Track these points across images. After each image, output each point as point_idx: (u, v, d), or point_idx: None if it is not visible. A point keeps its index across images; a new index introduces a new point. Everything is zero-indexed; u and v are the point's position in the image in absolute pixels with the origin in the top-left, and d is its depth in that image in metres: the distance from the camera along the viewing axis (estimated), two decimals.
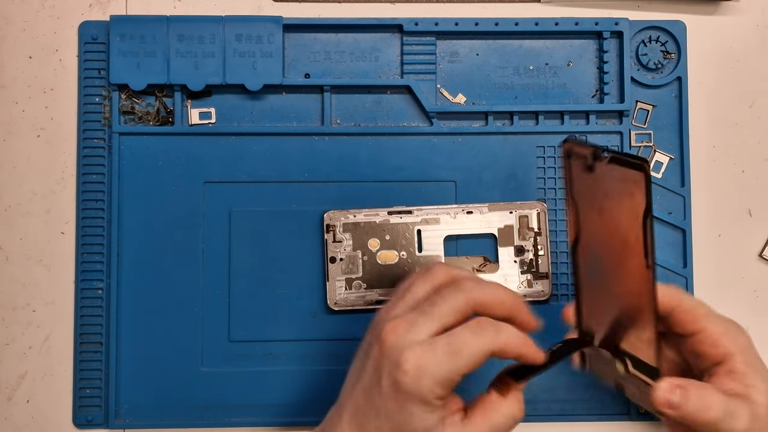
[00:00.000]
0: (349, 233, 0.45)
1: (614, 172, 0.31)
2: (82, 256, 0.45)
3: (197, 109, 0.46)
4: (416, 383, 0.32)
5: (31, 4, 0.46)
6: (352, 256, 0.45)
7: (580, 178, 0.34)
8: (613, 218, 0.32)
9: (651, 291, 0.31)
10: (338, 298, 0.44)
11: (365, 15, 0.47)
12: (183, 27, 0.45)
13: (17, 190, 0.46)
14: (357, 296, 0.44)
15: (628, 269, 0.32)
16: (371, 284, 0.44)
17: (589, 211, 0.34)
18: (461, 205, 0.45)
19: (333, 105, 0.46)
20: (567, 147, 0.34)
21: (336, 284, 0.44)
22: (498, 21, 0.46)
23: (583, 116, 0.46)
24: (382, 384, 0.33)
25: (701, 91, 0.47)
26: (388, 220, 0.45)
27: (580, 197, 0.34)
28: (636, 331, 0.33)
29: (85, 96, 0.46)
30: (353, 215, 0.44)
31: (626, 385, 0.35)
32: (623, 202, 0.31)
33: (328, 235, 0.44)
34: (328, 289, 0.44)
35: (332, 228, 0.44)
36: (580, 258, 0.35)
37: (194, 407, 0.45)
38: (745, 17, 0.47)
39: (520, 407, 0.34)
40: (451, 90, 0.47)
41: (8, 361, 0.45)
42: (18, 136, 0.46)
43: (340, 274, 0.44)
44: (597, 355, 0.36)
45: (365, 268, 0.44)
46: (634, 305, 0.32)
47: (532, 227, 0.45)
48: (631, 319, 0.33)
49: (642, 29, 0.46)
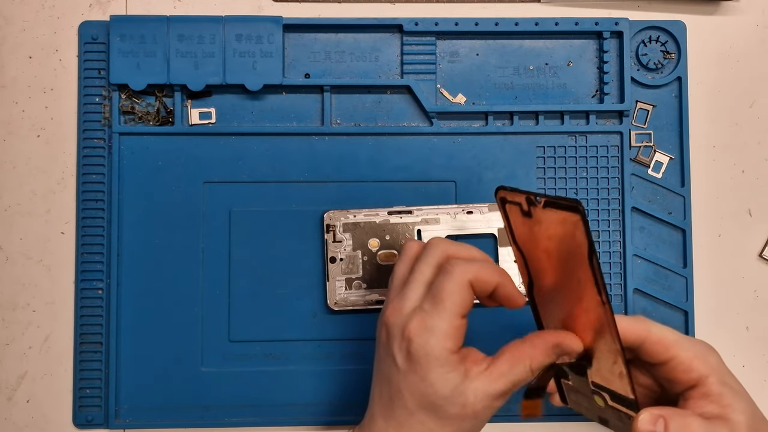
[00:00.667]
0: (349, 233, 0.45)
1: (551, 215, 0.31)
2: (82, 256, 0.45)
3: (197, 109, 0.46)
4: (425, 346, 0.33)
5: (31, 4, 0.46)
6: (352, 256, 0.45)
7: (520, 223, 0.33)
8: (561, 259, 0.32)
9: (612, 326, 0.31)
10: (338, 298, 0.44)
11: (365, 15, 0.47)
12: (183, 27, 0.45)
13: (17, 190, 0.46)
14: (357, 296, 0.44)
15: (586, 307, 0.32)
16: (371, 284, 0.44)
17: (536, 253, 0.33)
18: (461, 205, 0.45)
19: (333, 105, 0.46)
20: (501, 195, 0.34)
21: (336, 284, 0.44)
22: (498, 21, 0.46)
23: (583, 116, 0.46)
24: (397, 363, 0.34)
25: (701, 91, 0.47)
26: (388, 220, 0.45)
27: (524, 242, 0.34)
28: (606, 366, 0.33)
29: (85, 96, 0.46)
30: (353, 215, 0.44)
31: (609, 418, 0.35)
32: (566, 243, 0.31)
33: (328, 235, 0.44)
34: (328, 289, 0.44)
35: (332, 228, 0.44)
36: (538, 301, 0.35)
37: (194, 407, 0.45)
38: (745, 17, 0.47)
39: (547, 355, 0.34)
40: (451, 90, 0.47)
41: (8, 361, 0.45)
42: (18, 136, 0.46)
43: (340, 274, 0.44)
44: (576, 391, 0.36)
45: (365, 268, 0.44)
46: (599, 341, 0.33)
47: None
48: (598, 355, 0.33)
49: (642, 29, 0.47)
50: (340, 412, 0.45)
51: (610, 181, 0.46)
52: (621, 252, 0.46)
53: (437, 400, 0.34)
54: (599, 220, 0.46)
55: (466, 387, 0.34)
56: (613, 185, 0.46)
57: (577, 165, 0.46)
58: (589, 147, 0.46)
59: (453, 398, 0.34)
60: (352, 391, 0.45)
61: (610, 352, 0.32)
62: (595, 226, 0.46)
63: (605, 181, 0.46)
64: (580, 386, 0.35)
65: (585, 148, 0.46)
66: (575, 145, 0.46)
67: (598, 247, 0.46)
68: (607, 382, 0.34)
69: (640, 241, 0.46)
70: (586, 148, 0.46)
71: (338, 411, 0.45)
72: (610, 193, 0.46)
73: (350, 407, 0.45)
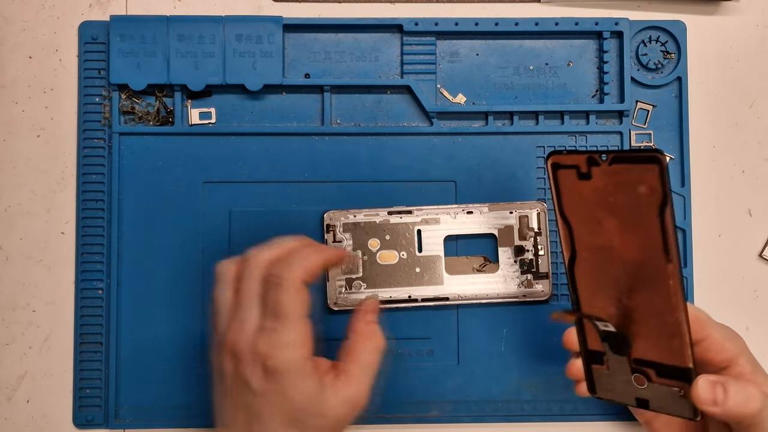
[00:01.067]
0: (349, 233, 0.45)
1: (619, 172, 0.30)
2: (82, 256, 0.45)
3: (197, 109, 0.46)
4: (282, 359, 0.33)
5: (31, 4, 0.46)
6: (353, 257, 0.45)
7: (571, 190, 0.33)
8: (622, 221, 0.31)
9: (677, 286, 0.30)
10: (338, 299, 0.44)
11: (365, 15, 0.47)
12: (183, 27, 0.45)
13: (17, 190, 0.46)
14: (357, 296, 0.44)
15: (647, 273, 0.31)
16: (371, 284, 0.44)
17: (585, 223, 0.33)
18: (461, 205, 0.45)
19: (333, 105, 0.46)
20: (554, 161, 0.33)
21: (336, 284, 0.44)
22: (498, 21, 0.46)
23: (583, 116, 0.46)
24: (253, 387, 0.34)
25: (701, 91, 0.47)
26: (389, 220, 0.45)
27: (573, 211, 0.33)
28: (660, 337, 0.32)
29: (85, 96, 0.46)
30: (353, 215, 0.44)
31: (651, 398, 0.34)
32: (631, 201, 0.30)
33: (328, 235, 0.44)
34: (328, 289, 0.44)
35: (332, 228, 0.44)
36: (580, 276, 0.34)
37: (194, 407, 0.45)
38: (745, 17, 0.47)
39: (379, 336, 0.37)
40: (451, 90, 0.47)
41: (8, 361, 0.45)
42: (18, 136, 0.46)
43: (340, 275, 0.44)
44: (610, 375, 0.35)
45: (365, 268, 0.44)
46: (658, 310, 0.32)
47: (532, 227, 0.45)
48: (653, 325, 0.32)
49: (642, 29, 0.46)
50: None
51: None
52: None
53: (298, 414, 0.34)
54: None
55: (325, 396, 0.34)
56: None
57: None
58: (588, 147, 0.46)
59: (313, 408, 0.34)
60: None
61: (671, 318, 0.31)
62: None
63: None
64: (617, 367, 0.35)
65: (585, 148, 0.46)
66: (575, 145, 0.46)
67: None
68: (656, 355, 0.33)
69: None
70: (585, 148, 0.46)
71: None
72: None
73: None
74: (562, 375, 0.45)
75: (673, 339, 0.32)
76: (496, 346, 0.45)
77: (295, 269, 0.34)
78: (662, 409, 0.34)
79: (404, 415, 0.45)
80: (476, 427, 0.45)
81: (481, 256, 0.45)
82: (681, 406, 0.33)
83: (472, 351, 0.45)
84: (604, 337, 0.34)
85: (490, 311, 0.45)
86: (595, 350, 0.35)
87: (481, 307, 0.45)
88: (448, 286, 0.44)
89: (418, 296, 0.44)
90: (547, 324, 0.44)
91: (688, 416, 0.34)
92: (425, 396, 0.45)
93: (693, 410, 0.33)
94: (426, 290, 0.44)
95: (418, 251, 0.45)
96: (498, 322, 0.45)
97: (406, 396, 0.45)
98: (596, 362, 0.36)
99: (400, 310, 0.44)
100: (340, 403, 0.35)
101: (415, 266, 0.44)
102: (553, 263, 0.45)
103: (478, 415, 0.45)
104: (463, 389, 0.45)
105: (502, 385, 0.45)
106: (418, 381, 0.45)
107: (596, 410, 0.45)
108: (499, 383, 0.45)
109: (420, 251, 0.45)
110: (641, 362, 0.34)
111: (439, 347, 0.45)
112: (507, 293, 0.44)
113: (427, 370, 0.45)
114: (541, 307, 0.45)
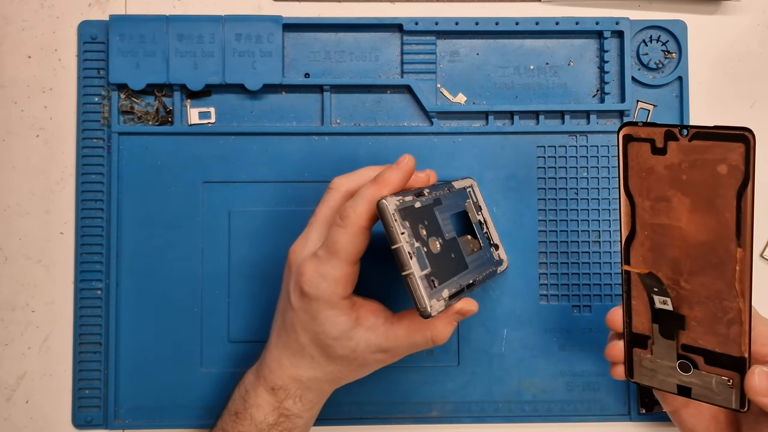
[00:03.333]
0: (407, 221, 0.42)
1: (697, 149, 0.29)
2: (81, 256, 0.45)
3: (197, 109, 0.46)
4: (317, 288, 0.36)
5: (31, 3, 0.46)
6: (417, 248, 0.42)
7: (641, 165, 0.31)
8: (692, 202, 0.30)
9: (745, 273, 0.29)
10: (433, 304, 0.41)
11: (365, 15, 0.47)
12: (182, 26, 0.45)
13: (16, 190, 0.46)
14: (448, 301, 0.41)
15: (713, 257, 0.30)
16: (441, 278, 0.41)
17: (650, 200, 0.32)
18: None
19: (333, 105, 0.46)
20: (627, 132, 0.31)
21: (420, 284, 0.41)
22: (498, 20, 0.46)
23: (584, 116, 0.46)
24: (291, 301, 0.37)
25: (702, 91, 0.47)
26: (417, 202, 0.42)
27: (639, 187, 0.32)
28: (717, 323, 0.31)
29: (84, 96, 0.45)
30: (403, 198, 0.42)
31: (694, 385, 0.34)
32: (708, 180, 0.29)
33: None
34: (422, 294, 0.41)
35: None
36: (636, 255, 0.33)
37: (194, 407, 0.45)
38: (746, 17, 0.47)
39: (445, 336, 0.37)
40: (452, 90, 0.46)
41: (8, 362, 0.45)
42: (17, 136, 0.46)
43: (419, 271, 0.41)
44: (652, 360, 0.35)
45: (430, 261, 0.41)
46: (719, 295, 0.31)
47: (476, 202, 0.44)
48: (711, 311, 0.31)
49: (643, 29, 0.46)
50: (339, 411, 0.45)
51: (611, 181, 0.46)
52: None
53: (326, 340, 0.37)
54: (599, 221, 0.46)
55: (356, 333, 0.37)
56: (613, 185, 0.46)
57: (577, 165, 0.46)
58: (589, 147, 0.46)
59: (342, 341, 0.37)
60: (350, 389, 0.45)
61: (731, 303, 0.31)
62: (596, 227, 0.46)
63: (606, 181, 0.46)
64: (662, 352, 0.34)
65: (585, 147, 0.46)
66: (576, 145, 0.46)
67: (597, 248, 0.45)
68: (708, 342, 0.32)
69: None
70: (586, 148, 0.46)
71: (337, 409, 0.45)
72: (610, 193, 0.46)
73: (349, 405, 0.45)
74: (562, 375, 0.45)
75: (731, 326, 0.31)
76: (497, 346, 0.45)
77: (359, 211, 0.35)
78: (705, 398, 0.33)
79: (404, 415, 0.45)
80: (476, 427, 0.45)
81: (466, 235, 0.43)
82: (726, 395, 0.33)
83: (472, 351, 0.45)
84: (656, 317, 0.33)
85: (490, 311, 0.45)
86: (640, 333, 0.35)
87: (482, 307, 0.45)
88: (471, 269, 0.40)
89: (467, 282, 0.39)
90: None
91: (734, 407, 0.33)
92: (425, 396, 0.45)
93: (740, 401, 0.32)
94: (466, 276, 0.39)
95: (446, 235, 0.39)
96: (498, 322, 0.45)
97: (406, 396, 0.45)
98: (639, 346, 0.35)
99: None
100: (373, 348, 0.37)
101: (450, 252, 0.39)
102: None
103: (478, 416, 0.45)
104: (464, 389, 0.45)
105: (502, 386, 0.45)
106: (418, 381, 0.45)
107: (596, 410, 0.45)
108: (499, 384, 0.45)
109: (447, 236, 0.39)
110: (690, 348, 0.33)
111: (439, 348, 0.45)
112: (493, 268, 0.42)
113: (427, 370, 0.45)
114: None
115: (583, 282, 0.45)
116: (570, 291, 0.45)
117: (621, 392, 0.45)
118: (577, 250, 0.45)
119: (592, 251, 0.45)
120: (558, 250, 0.45)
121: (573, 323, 0.45)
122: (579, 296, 0.45)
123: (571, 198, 0.46)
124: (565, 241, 0.45)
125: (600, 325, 0.45)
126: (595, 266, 0.45)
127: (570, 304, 0.45)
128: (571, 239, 0.46)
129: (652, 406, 0.45)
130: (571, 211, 0.46)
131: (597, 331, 0.45)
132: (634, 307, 0.35)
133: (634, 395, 0.45)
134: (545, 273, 0.45)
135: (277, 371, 0.39)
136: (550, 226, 0.45)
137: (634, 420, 0.45)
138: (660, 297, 0.33)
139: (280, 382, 0.38)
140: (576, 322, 0.45)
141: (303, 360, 0.38)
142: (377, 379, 0.44)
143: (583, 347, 0.45)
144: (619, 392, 0.45)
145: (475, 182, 0.44)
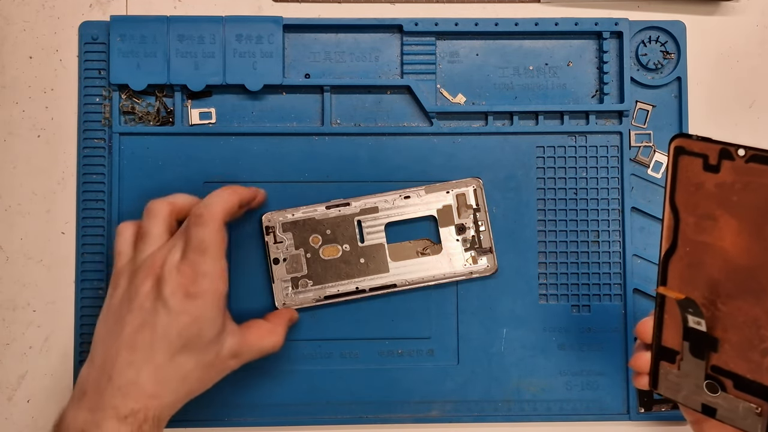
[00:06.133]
0: (289, 232, 0.44)
1: (753, 171, 0.28)
2: (82, 256, 0.45)
3: (197, 109, 0.46)
4: (200, 287, 0.36)
5: (31, 4, 0.46)
6: (295, 255, 0.44)
7: (690, 180, 0.30)
8: (740, 225, 0.29)
9: None
10: (285, 299, 0.44)
11: (365, 15, 0.47)
12: (183, 27, 0.45)
13: (17, 190, 0.46)
14: (305, 295, 0.44)
15: (755, 283, 0.29)
16: (317, 281, 0.44)
17: (695, 217, 0.31)
18: (398, 191, 0.45)
19: (333, 105, 0.46)
20: (678, 144, 0.30)
21: (282, 284, 0.44)
22: (498, 21, 0.46)
23: (583, 116, 0.46)
24: (169, 306, 0.36)
25: (701, 91, 0.47)
26: (327, 214, 0.45)
27: (686, 203, 0.31)
28: (751, 351, 0.30)
29: (85, 96, 0.46)
30: (291, 214, 0.44)
31: (720, 407, 0.33)
32: (760, 204, 0.28)
33: (268, 237, 0.44)
34: (275, 290, 0.44)
35: (272, 229, 0.44)
36: (674, 270, 0.32)
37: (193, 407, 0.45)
38: (745, 17, 0.48)
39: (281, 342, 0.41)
40: (451, 90, 0.47)
41: (8, 361, 0.45)
42: (18, 136, 0.46)
43: (285, 275, 0.44)
44: (679, 375, 0.34)
45: (309, 266, 0.44)
46: (757, 322, 0.30)
47: (470, 204, 0.45)
48: (746, 337, 0.30)
49: (642, 29, 0.47)
50: (339, 411, 0.45)
51: (610, 181, 0.46)
52: (621, 252, 0.46)
53: (200, 343, 0.37)
54: (599, 221, 0.46)
55: (223, 337, 0.38)
56: (612, 185, 0.46)
57: (577, 165, 0.46)
58: (588, 147, 0.46)
59: (212, 345, 0.38)
60: (351, 388, 0.45)
61: (767, 332, 0.29)
62: (595, 226, 0.46)
63: (605, 181, 0.46)
64: (690, 369, 0.33)
65: (585, 148, 0.46)
66: (575, 145, 0.46)
67: (597, 247, 0.46)
68: (740, 367, 0.31)
69: (640, 241, 0.46)
70: (585, 148, 0.46)
71: (337, 409, 0.45)
72: (609, 193, 0.46)
73: (349, 405, 0.45)
74: (562, 375, 0.45)
75: (766, 356, 0.30)
76: (496, 346, 0.45)
77: (214, 209, 0.38)
78: (730, 420, 0.32)
79: (404, 415, 0.45)
80: (476, 427, 0.45)
81: (424, 239, 0.45)
82: (753, 422, 0.32)
83: (472, 351, 0.45)
84: (688, 335, 0.33)
85: (489, 311, 0.45)
86: (669, 347, 0.34)
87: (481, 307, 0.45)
88: (394, 273, 0.45)
89: (365, 287, 0.44)
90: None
91: None
92: (425, 396, 0.45)
93: (766, 430, 0.31)
94: (372, 280, 0.44)
95: (361, 242, 0.45)
96: (497, 322, 0.45)
97: (406, 396, 0.45)
98: (667, 359, 0.34)
99: (350, 302, 0.45)
100: (228, 351, 0.38)
101: (359, 257, 0.45)
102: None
103: (478, 415, 0.45)
104: (463, 389, 0.45)
105: (501, 385, 0.45)
106: (418, 381, 0.45)
107: (596, 410, 0.45)
108: (498, 383, 0.45)
109: (362, 242, 0.45)
110: (719, 370, 0.32)
111: (439, 347, 0.45)
112: (453, 272, 0.45)
113: (427, 370, 0.45)
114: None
115: (583, 282, 0.45)
116: (569, 291, 0.45)
117: (620, 392, 0.45)
118: (576, 250, 0.46)
119: (592, 251, 0.46)
120: (557, 250, 0.46)
121: (572, 323, 0.45)
122: (578, 296, 0.45)
123: (570, 198, 0.46)
124: (565, 241, 0.46)
125: (599, 324, 0.45)
126: (594, 266, 0.46)
127: (569, 304, 0.45)
128: (570, 239, 0.46)
129: (651, 405, 0.45)
130: (570, 211, 0.46)
131: (596, 330, 0.45)
132: (666, 321, 0.34)
133: (634, 395, 0.45)
134: (545, 273, 0.46)
135: (133, 393, 0.36)
136: (549, 226, 0.46)
137: (634, 419, 0.45)
138: (695, 318, 0.32)
139: (138, 405, 0.36)
140: (575, 322, 0.45)
141: (168, 372, 0.36)
142: (377, 379, 0.45)
143: (582, 347, 0.45)
144: (619, 392, 0.45)
145: (480, 183, 0.45)
